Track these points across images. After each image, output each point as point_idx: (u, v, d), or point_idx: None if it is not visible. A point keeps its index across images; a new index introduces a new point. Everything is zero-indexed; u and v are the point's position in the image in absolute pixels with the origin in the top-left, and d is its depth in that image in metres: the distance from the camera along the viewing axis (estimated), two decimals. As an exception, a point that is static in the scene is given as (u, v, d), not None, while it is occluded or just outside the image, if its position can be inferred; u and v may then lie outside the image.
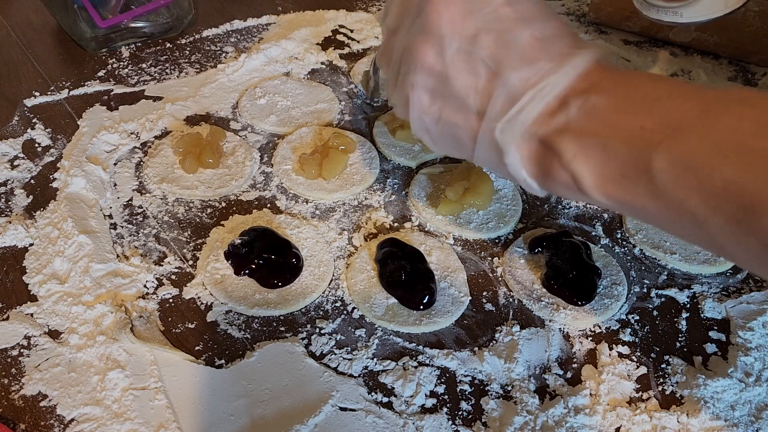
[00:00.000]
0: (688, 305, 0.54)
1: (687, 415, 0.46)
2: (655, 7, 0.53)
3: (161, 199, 0.60)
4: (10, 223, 0.55)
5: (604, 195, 0.37)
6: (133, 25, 0.77)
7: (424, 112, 0.43)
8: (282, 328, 0.50)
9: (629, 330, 0.52)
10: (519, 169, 0.40)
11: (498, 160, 0.41)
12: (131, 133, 0.66)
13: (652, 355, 0.50)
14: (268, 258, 0.52)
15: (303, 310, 0.51)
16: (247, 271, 0.52)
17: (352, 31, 0.85)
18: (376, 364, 0.48)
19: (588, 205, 0.62)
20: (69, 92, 0.71)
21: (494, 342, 0.50)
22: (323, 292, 0.53)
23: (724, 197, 0.31)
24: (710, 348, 0.51)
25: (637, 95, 0.36)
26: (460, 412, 0.46)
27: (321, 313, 0.51)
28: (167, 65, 0.76)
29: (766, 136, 0.31)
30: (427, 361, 0.48)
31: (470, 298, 0.53)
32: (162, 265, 0.54)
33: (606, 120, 0.36)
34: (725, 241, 0.33)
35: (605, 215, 0.61)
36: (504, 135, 0.39)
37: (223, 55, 0.79)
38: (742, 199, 0.31)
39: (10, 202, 0.58)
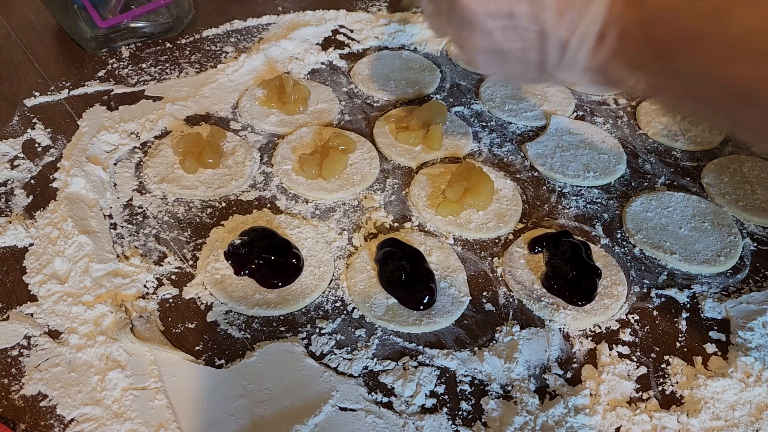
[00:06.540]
0: (688, 305, 0.54)
1: (687, 415, 0.46)
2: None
3: (161, 199, 0.60)
4: (10, 223, 0.55)
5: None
6: (133, 25, 0.77)
7: (490, 69, 0.50)
8: (282, 328, 0.50)
9: (629, 330, 0.52)
10: (588, 86, 0.51)
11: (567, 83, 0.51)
12: (131, 133, 0.66)
13: (652, 355, 0.50)
14: (268, 258, 0.52)
15: (303, 310, 0.51)
16: (247, 271, 0.52)
17: (352, 31, 0.85)
18: (376, 364, 0.48)
19: (588, 205, 0.62)
20: (69, 92, 0.71)
21: (494, 342, 0.50)
22: (323, 292, 0.53)
23: (732, 92, 0.38)
24: (710, 348, 0.51)
25: (655, 12, 0.41)
26: (460, 412, 0.46)
27: (321, 313, 0.51)
28: (167, 65, 0.76)
29: (762, 34, 0.36)
30: (427, 361, 0.48)
31: (470, 298, 0.53)
32: (162, 265, 0.54)
33: (636, 42, 0.41)
34: (726, 122, 0.45)
35: (605, 215, 0.61)
36: (566, 76, 0.46)
37: (223, 55, 0.79)
38: (745, 92, 0.37)
39: (10, 202, 0.58)
